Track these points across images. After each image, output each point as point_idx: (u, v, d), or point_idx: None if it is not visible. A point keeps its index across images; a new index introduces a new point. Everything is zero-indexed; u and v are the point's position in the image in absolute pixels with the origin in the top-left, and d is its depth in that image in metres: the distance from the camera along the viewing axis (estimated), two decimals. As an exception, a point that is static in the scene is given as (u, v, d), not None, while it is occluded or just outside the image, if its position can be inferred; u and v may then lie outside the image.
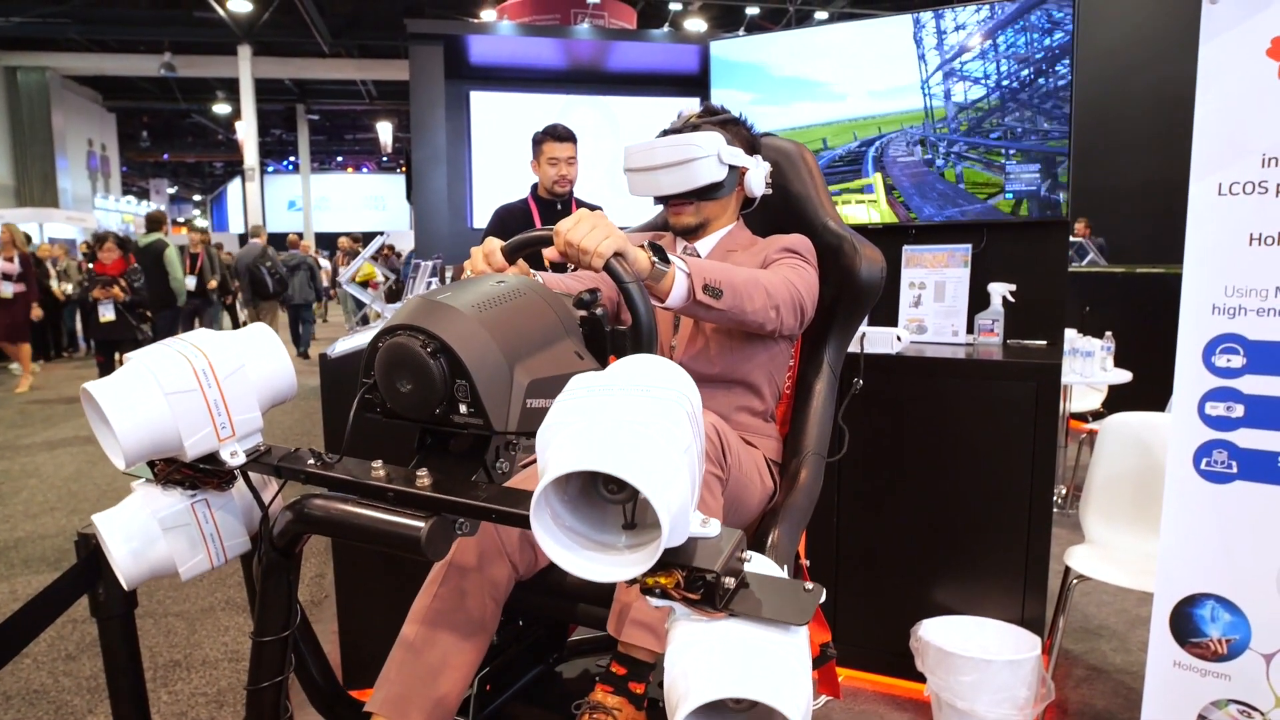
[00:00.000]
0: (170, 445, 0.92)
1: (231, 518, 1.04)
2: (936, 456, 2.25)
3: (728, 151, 1.51)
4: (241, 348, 0.98)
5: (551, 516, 0.70)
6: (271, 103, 21.44)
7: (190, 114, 22.62)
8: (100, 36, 16.44)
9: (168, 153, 26.21)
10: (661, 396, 0.72)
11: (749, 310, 1.31)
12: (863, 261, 1.57)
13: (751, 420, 1.53)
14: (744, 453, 1.38)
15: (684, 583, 0.71)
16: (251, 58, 16.70)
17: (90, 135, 19.54)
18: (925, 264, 2.51)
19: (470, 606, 1.20)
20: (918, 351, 2.36)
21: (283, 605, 1.01)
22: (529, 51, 7.99)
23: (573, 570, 0.68)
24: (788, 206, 1.70)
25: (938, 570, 2.27)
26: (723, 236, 1.62)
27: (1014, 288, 2.43)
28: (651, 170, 1.53)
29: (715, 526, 0.74)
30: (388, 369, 0.89)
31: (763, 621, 0.71)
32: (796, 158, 1.72)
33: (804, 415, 1.55)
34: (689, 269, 1.23)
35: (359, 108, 22.95)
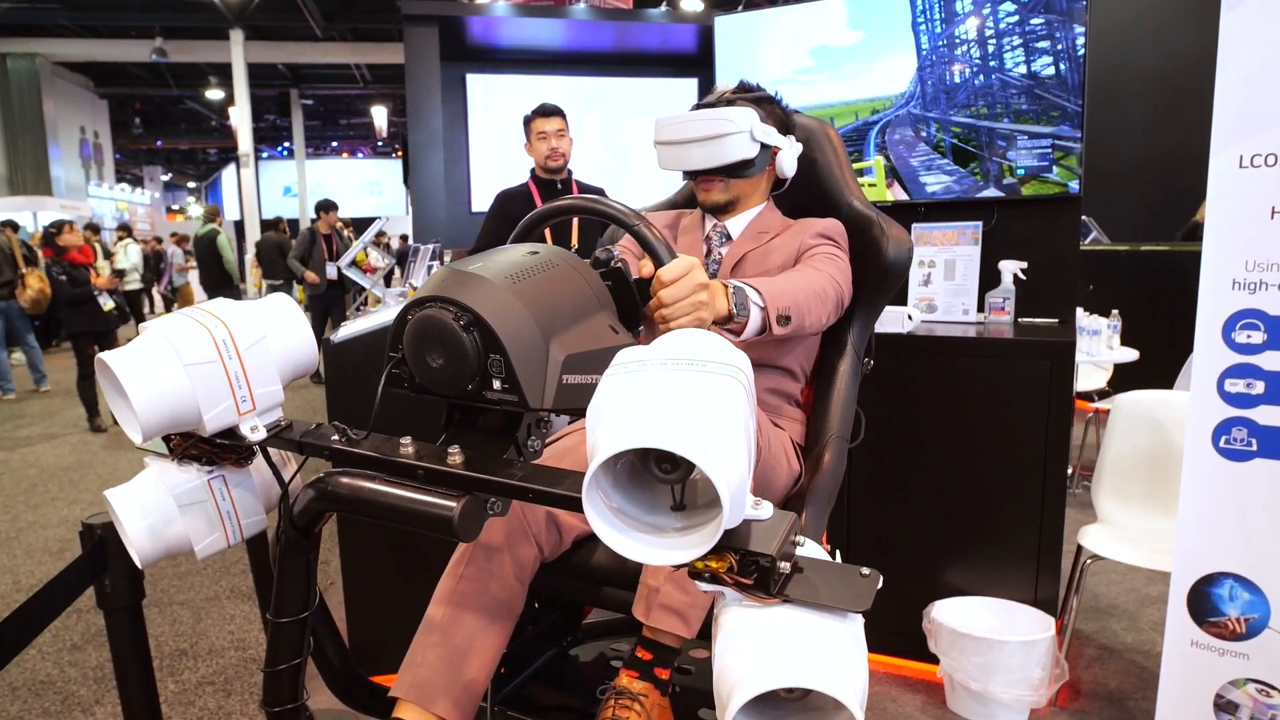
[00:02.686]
0: (189, 419, 0.89)
1: (249, 495, 1.02)
2: (948, 437, 2.24)
3: (760, 129, 1.48)
4: (262, 317, 0.95)
5: (602, 498, 0.67)
6: (265, 88, 21.25)
7: (183, 100, 22.42)
8: (90, 22, 16.25)
9: (161, 140, 25.97)
10: (719, 371, 0.69)
11: (808, 326, 1.31)
12: (890, 242, 1.54)
13: (779, 402, 1.51)
14: (771, 433, 1.36)
15: (737, 567, 0.68)
16: (244, 43, 16.52)
17: (82, 123, 19.36)
18: (935, 242, 2.48)
19: (497, 588, 1.18)
20: (928, 331, 2.34)
21: (302, 586, 0.99)
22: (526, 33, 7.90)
23: (627, 554, 0.66)
24: (812, 185, 1.67)
25: (950, 551, 2.25)
26: (754, 218, 1.59)
27: (1025, 265, 2.41)
28: (682, 144, 1.50)
29: (768, 509, 0.71)
30: (418, 343, 0.86)
31: (818, 608, 0.69)
32: (821, 135, 1.69)
33: (827, 397, 1.52)
34: (764, 300, 1.21)
35: (353, 92, 22.75)
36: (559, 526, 1.25)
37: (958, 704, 2.09)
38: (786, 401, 1.53)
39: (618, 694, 1.12)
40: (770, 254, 1.52)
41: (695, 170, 1.53)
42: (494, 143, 7.46)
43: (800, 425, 1.54)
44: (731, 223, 1.59)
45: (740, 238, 1.58)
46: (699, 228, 1.63)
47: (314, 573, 1.00)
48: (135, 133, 23.61)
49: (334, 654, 1.13)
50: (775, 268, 1.49)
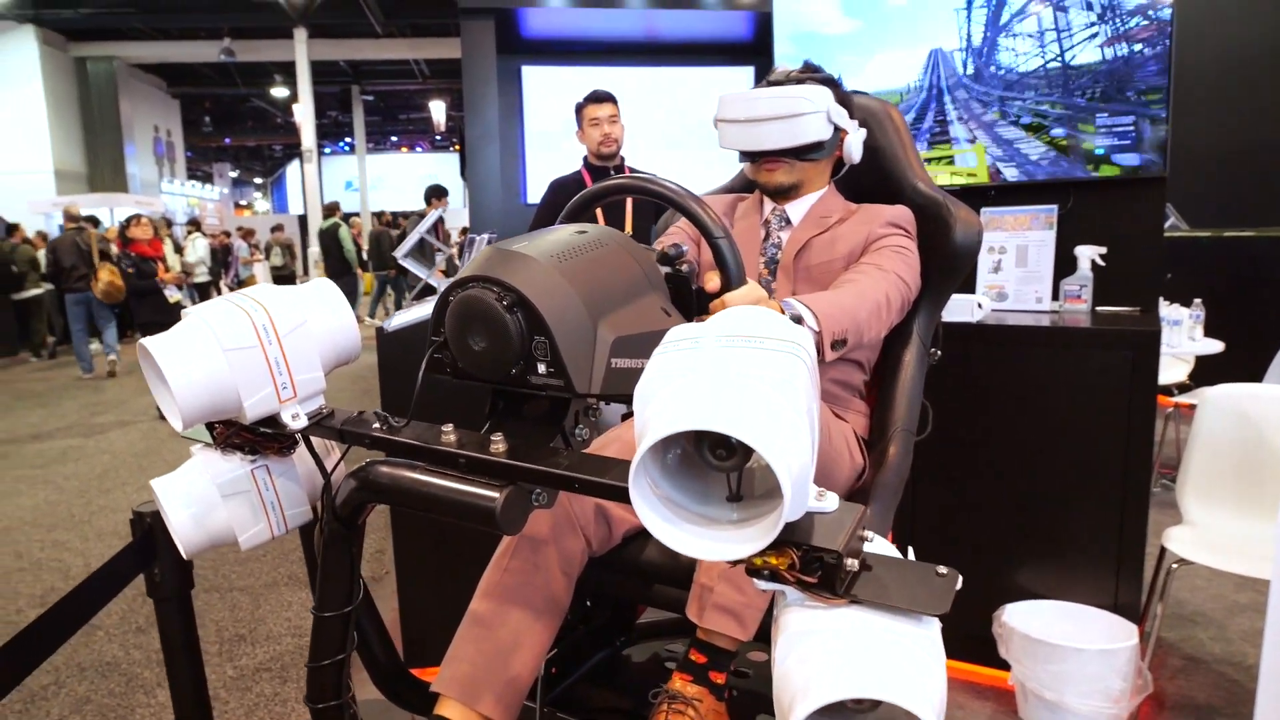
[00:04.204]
0: (229, 406, 0.87)
1: (293, 485, 0.99)
2: (1020, 431, 2.13)
3: (836, 110, 1.43)
4: (304, 303, 0.92)
5: (650, 486, 0.62)
6: (328, 85, 21.69)
7: (250, 98, 23.03)
8: (163, 25, 16.78)
9: (229, 137, 26.74)
10: (777, 348, 0.63)
11: (868, 340, 1.28)
12: (958, 225, 1.47)
13: (844, 394, 1.44)
14: (833, 424, 1.29)
15: (799, 563, 0.62)
16: (307, 41, 16.86)
17: (156, 122, 20.02)
18: (1006, 227, 2.36)
19: (543, 582, 1.13)
20: (999, 320, 2.23)
21: (345, 579, 0.96)
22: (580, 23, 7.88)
23: (677, 547, 0.60)
24: (874, 168, 1.59)
25: (1022, 551, 2.15)
26: (815, 202, 1.52)
27: (1104, 251, 2.27)
28: (751, 123, 1.43)
29: (833, 500, 0.65)
30: (460, 325, 0.82)
31: (890, 610, 0.62)
32: (883, 116, 1.62)
33: (892, 389, 1.45)
34: (819, 324, 1.16)
35: (412, 87, 23.07)
36: (609, 520, 1.20)
37: (1030, 713, 1.98)
38: (851, 393, 1.46)
39: (670, 698, 1.07)
40: (836, 242, 1.45)
41: (765, 150, 1.45)
42: (549, 134, 7.47)
43: (864, 418, 1.47)
44: (792, 207, 1.53)
45: (801, 223, 1.51)
46: (756, 212, 1.57)
47: (357, 566, 0.97)
48: (205, 131, 24.35)
49: (379, 649, 1.10)
50: (841, 257, 1.43)
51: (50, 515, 3.78)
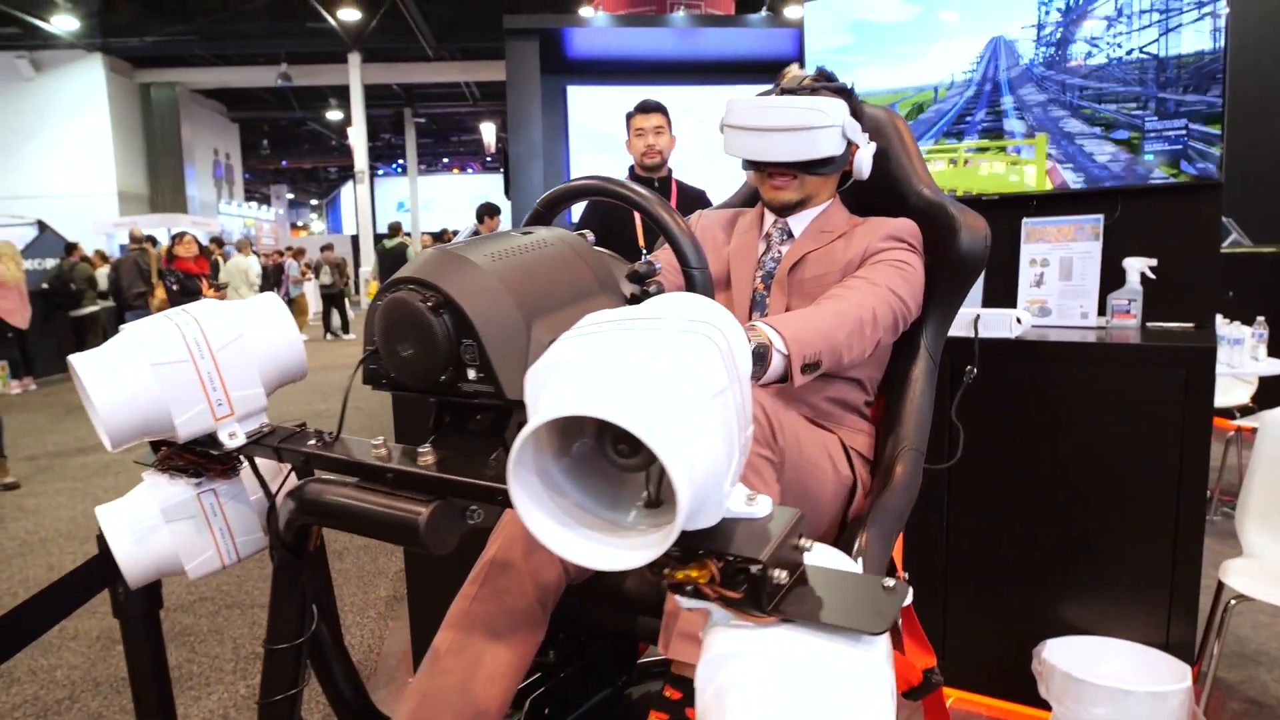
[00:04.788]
0: (161, 424, 0.81)
1: (244, 509, 0.94)
2: (1063, 454, 1.99)
3: (851, 125, 1.36)
4: (242, 317, 0.87)
5: (546, 485, 0.55)
6: (381, 108, 22.17)
7: (306, 122, 23.66)
8: (223, 51, 17.32)
9: (286, 159, 27.51)
10: (688, 329, 0.56)
11: (849, 362, 1.21)
12: (963, 231, 1.40)
13: (840, 412, 1.36)
14: (806, 432, 1.22)
15: (720, 576, 0.55)
16: (361, 65, 17.27)
17: (216, 145, 20.65)
18: (1049, 238, 2.23)
19: (513, 606, 1.05)
20: (1040, 336, 2.10)
21: (295, 609, 0.89)
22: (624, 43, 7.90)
23: (561, 551, 0.53)
24: (879, 178, 1.52)
25: (1065, 584, 2.00)
26: (818, 215, 1.46)
27: (1154, 263, 2.13)
28: (762, 131, 1.36)
29: (765, 505, 0.58)
30: (387, 330, 0.76)
31: (825, 629, 0.54)
32: (888, 125, 1.56)
33: (899, 406, 1.36)
34: (788, 348, 1.10)
35: (463, 110, 23.47)
36: None
37: (1073, 759, 1.84)
38: (848, 411, 1.37)
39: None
40: (833, 254, 1.38)
41: (774, 162, 1.39)
42: (594, 153, 7.48)
43: (866, 436, 1.38)
44: (795, 219, 1.47)
45: (803, 236, 1.45)
46: (757, 225, 1.51)
47: (308, 594, 0.90)
48: (263, 153, 25.08)
49: (345, 684, 1.03)
50: (837, 271, 1.36)
51: (86, 528, 3.82)
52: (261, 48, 17.06)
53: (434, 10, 15.49)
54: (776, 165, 1.39)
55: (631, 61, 8.30)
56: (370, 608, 2.83)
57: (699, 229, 1.59)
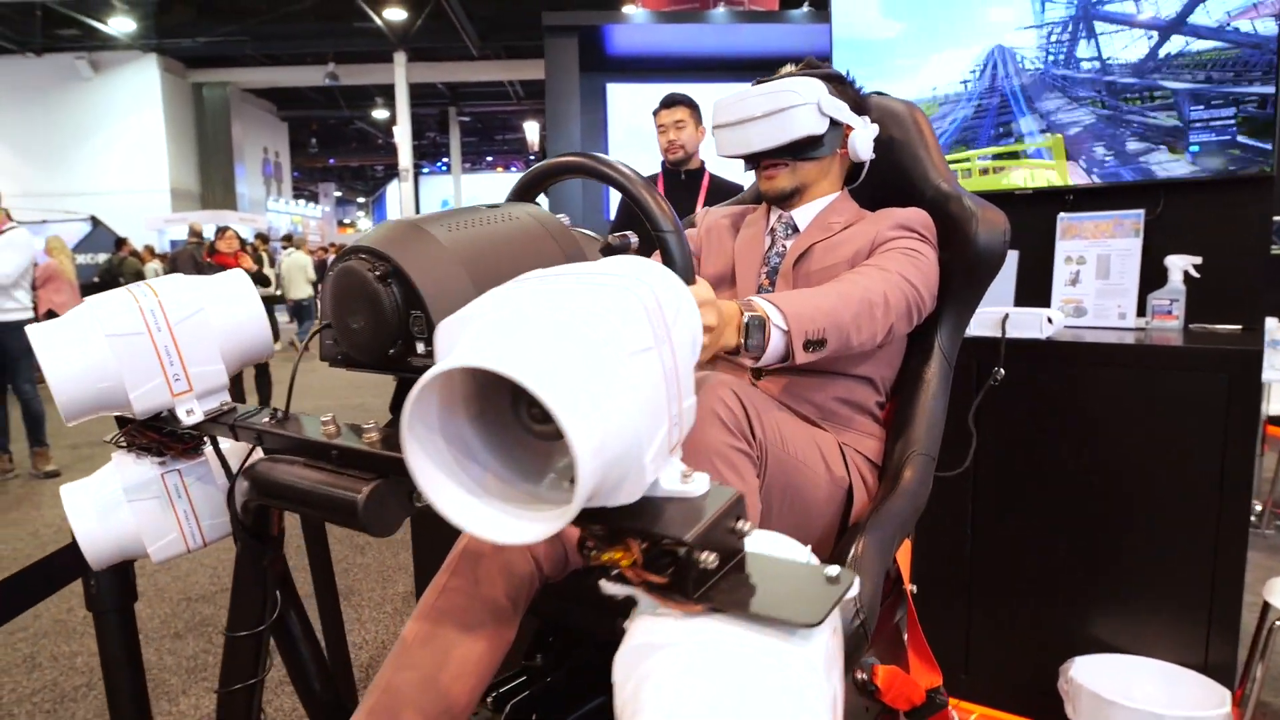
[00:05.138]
0: (116, 399, 0.79)
1: (211, 491, 0.91)
2: (1096, 461, 1.89)
3: (829, 102, 1.32)
4: (204, 291, 0.84)
5: (457, 450, 0.50)
6: (426, 107, 22.44)
7: (353, 120, 24.04)
8: (273, 51, 17.68)
9: (334, 158, 27.98)
10: (609, 283, 0.52)
11: (857, 344, 1.14)
12: (979, 226, 1.33)
13: (849, 413, 1.30)
14: (792, 426, 1.16)
15: (643, 559, 0.51)
16: (406, 64, 17.49)
17: (265, 144, 21.08)
18: (1086, 234, 2.13)
19: (484, 596, 1.01)
20: (1075, 337, 2.00)
21: (257, 595, 0.86)
22: (665, 39, 7.85)
23: (450, 515, 0.48)
24: (893, 171, 1.46)
25: (1095, 598, 1.90)
26: (824, 207, 1.41)
27: (1198, 261, 2.02)
28: (742, 124, 1.35)
29: (701, 483, 0.53)
30: (337, 302, 0.73)
31: (756, 620, 0.50)
32: (906, 116, 1.49)
33: (910, 408, 1.29)
34: (788, 323, 1.05)
35: (507, 109, 23.66)
36: (562, 539, 1.08)
37: (1100, 782, 1.74)
38: (857, 413, 1.31)
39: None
40: (840, 245, 1.33)
41: (757, 152, 1.36)
42: (635, 150, 7.47)
43: (876, 441, 1.31)
44: (799, 212, 1.42)
45: (808, 229, 1.39)
46: (762, 221, 1.46)
47: (271, 580, 0.87)
48: (311, 152, 25.54)
49: (314, 675, 1.00)
50: (844, 261, 1.30)
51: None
52: (310, 47, 17.39)
53: (478, 10, 15.63)
54: (761, 154, 1.36)
55: (672, 58, 8.25)
56: (387, 603, 2.82)
57: (704, 225, 1.55)
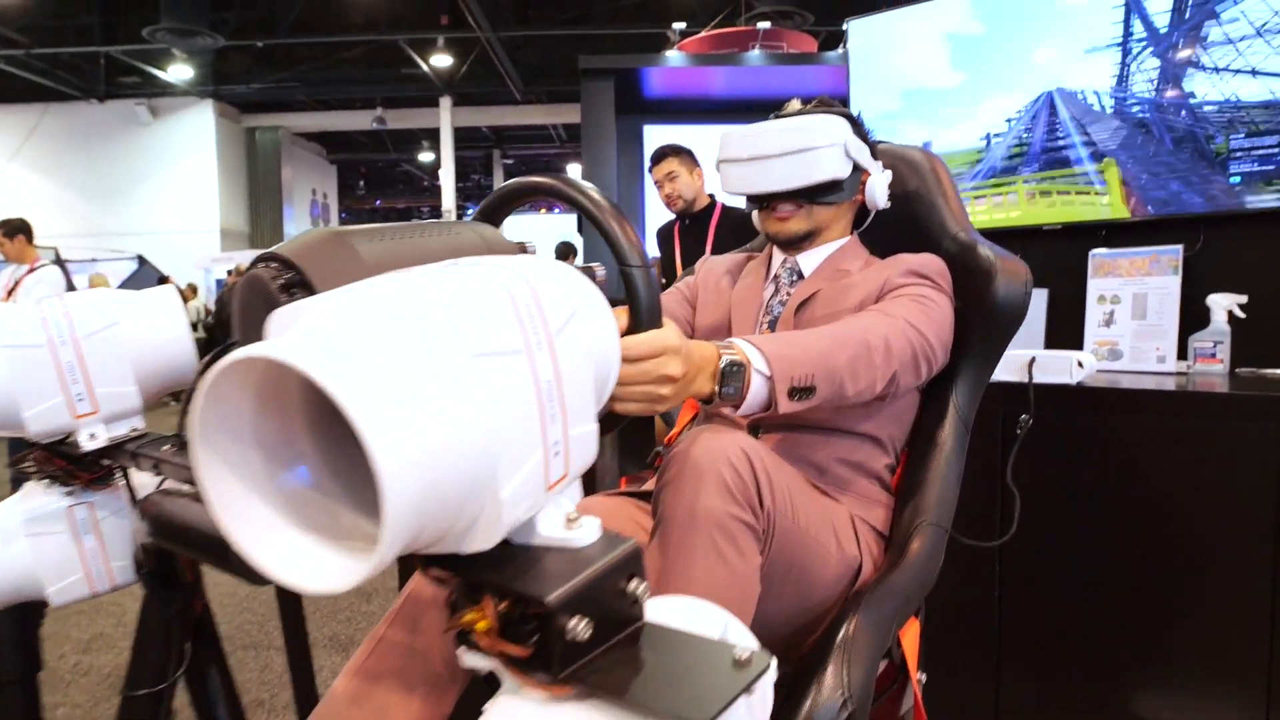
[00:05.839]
0: (9, 418, 0.72)
1: (126, 527, 0.83)
2: (1135, 520, 1.75)
3: (855, 144, 1.24)
4: (120, 305, 0.77)
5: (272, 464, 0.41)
6: (471, 150, 22.87)
7: (400, 163, 24.59)
8: (323, 96, 18.22)
9: (380, 199, 28.57)
10: (468, 275, 0.44)
11: (854, 394, 1.03)
12: (999, 276, 1.24)
13: (852, 476, 1.19)
14: (807, 498, 1.04)
15: (500, 624, 0.41)
16: (451, 108, 17.88)
17: (314, 185, 21.63)
18: (1120, 272, 2.01)
19: (423, 654, 0.91)
20: (1110, 382, 1.87)
21: (159, 647, 0.78)
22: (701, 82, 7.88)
23: (237, 540, 0.39)
24: (909, 221, 1.38)
25: (1138, 673, 1.74)
26: (833, 252, 1.32)
27: (1243, 300, 1.88)
28: (759, 160, 1.24)
29: (590, 530, 0.44)
30: (243, 313, 0.66)
31: (635, 712, 0.40)
32: (923, 164, 1.41)
33: (921, 473, 1.19)
34: (770, 366, 0.95)
35: (550, 151, 23.99)
36: None
37: None
38: (864, 476, 1.19)
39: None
40: (847, 291, 1.23)
41: (775, 192, 1.26)
42: (672, 191, 7.51)
43: (884, 510, 1.20)
44: (805, 257, 1.32)
45: (814, 274, 1.30)
46: (764, 268, 1.37)
47: (179, 631, 0.79)
48: (359, 193, 26.17)
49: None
50: (852, 308, 1.20)
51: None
52: (359, 93, 17.88)
53: (522, 56, 15.95)
54: (778, 195, 1.26)
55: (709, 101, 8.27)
56: (390, 644, 2.72)
57: (702, 273, 1.45)
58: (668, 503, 0.92)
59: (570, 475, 0.46)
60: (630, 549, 0.45)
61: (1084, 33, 2.13)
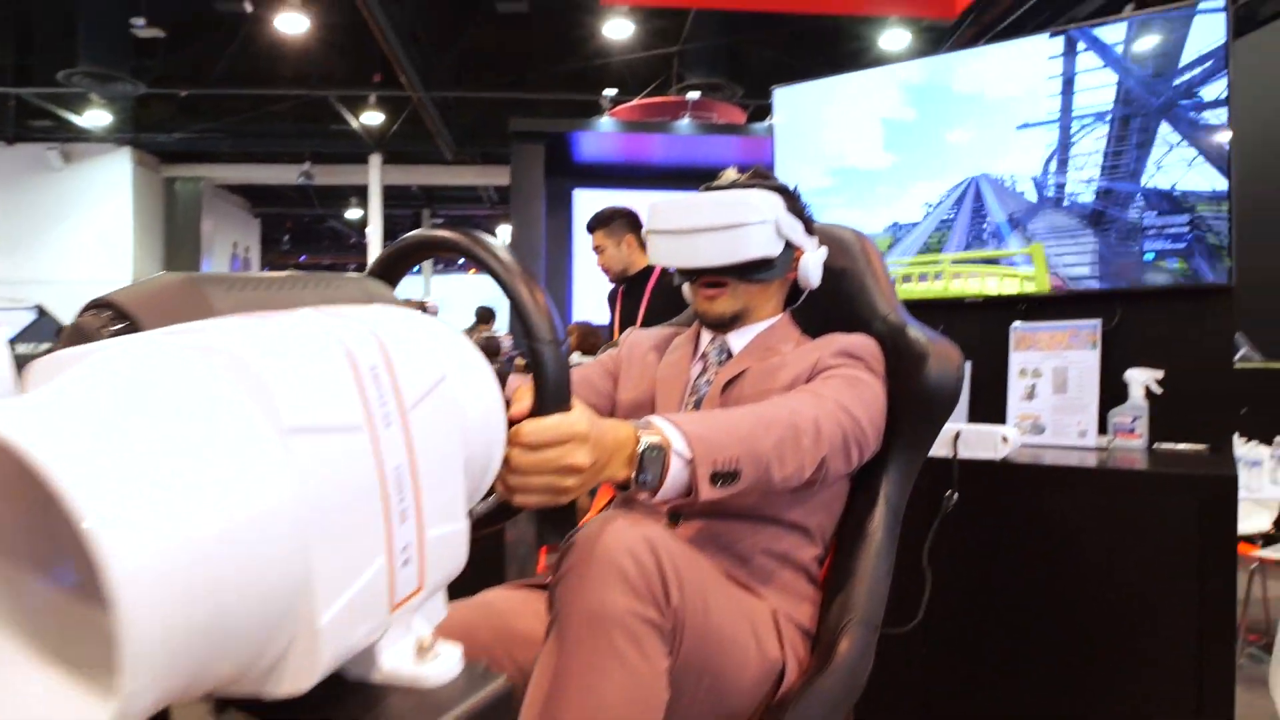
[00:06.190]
0: None
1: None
2: (1061, 597, 1.73)
3: (787, 221, 1.19)
4: None
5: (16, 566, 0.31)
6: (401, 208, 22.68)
7: (327, 219, 24.23)
8: (249, 149, 17.93)
9: (305, 254, 28.04)
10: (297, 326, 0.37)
11: (779, 479, 0.95)
12: (932, 360, 1.21)
13: (775, 568, 1.11)
14: (722, 593, 0.96)
15: None
16: (381, 166, 17.78)
17: (236, 238, 21.12)
18: (1041, 345, 2.02)
19: None
20: (1033, 458, 1.86)
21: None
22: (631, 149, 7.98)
23: None
24: (840, 299, 1.36)
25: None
26: (763, 331, 1.27)
27: (1160, 375, 1.91)
28: (685, 233, 1.19)
29: (449, 662, 0.37)
30: None
31: None
32: (854, 244, 1.39)
33: (849, 566, 1.13)
34: (691, 448, 0.87)
35: (481, 213, 23.97)
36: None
37: None
38: (789, 569, 1.12)
39: None
40: (777, 371, 1.18)
41: (702, 268, 1.22)
42: (597, 256, 7.55)
43: (810, 606, 1.12)
44: (735, 335, 1.27)
45: (742, 353, 1.25)
46: (691, 345, 1.31)
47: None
48: (283, 248, 25.62)
49: None
50: (781, 388, 1.15)
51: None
52: (287, 147, 17.63)
53: (455, 117, 15.98)
54: (705, 271, 1.22)
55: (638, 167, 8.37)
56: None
57: (626, 346, 1.38)
58: (564, 598, 0.83)
59: (426, 589, 0.37)
60: (499, 691, 0.36)
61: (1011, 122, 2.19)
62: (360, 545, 0.33)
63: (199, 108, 15.71)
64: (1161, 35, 1.89)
